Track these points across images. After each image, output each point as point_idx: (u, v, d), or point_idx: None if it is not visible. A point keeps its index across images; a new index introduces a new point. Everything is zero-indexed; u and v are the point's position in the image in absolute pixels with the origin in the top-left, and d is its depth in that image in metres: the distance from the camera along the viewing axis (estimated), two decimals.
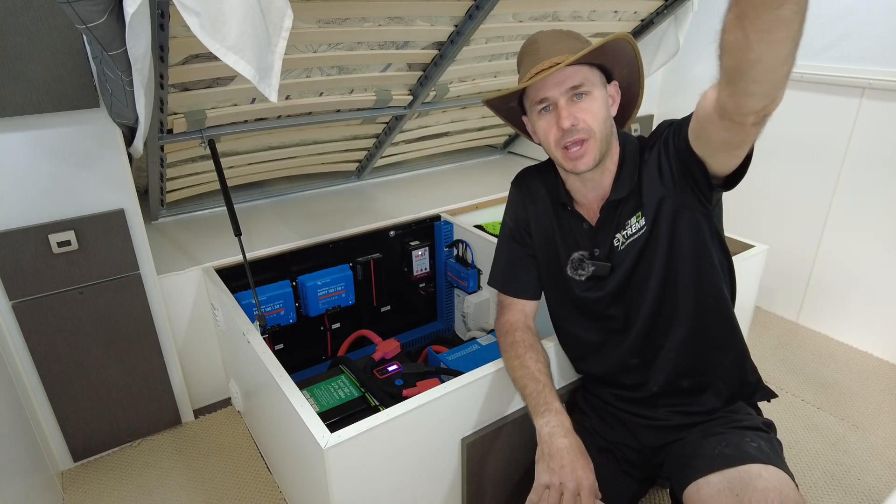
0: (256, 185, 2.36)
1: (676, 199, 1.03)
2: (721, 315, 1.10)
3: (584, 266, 1.14)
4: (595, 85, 1.04)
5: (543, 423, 1.04)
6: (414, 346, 2.29)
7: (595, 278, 1.13)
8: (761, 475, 0.96)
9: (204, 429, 1.82)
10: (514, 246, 1.25)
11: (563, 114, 1.02)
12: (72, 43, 1.28)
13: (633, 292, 1.10)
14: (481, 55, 1.94)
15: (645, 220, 1.06)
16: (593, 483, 0.98)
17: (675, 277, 1.06)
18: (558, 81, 1.02)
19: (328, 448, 1.00)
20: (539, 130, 1.08)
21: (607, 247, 1.11)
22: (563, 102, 1.02)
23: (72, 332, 1.54)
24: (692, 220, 1.03)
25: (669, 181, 1.03)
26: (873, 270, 2.07)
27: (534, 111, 1.07)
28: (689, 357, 1.11)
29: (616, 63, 1.07)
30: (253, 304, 1.68)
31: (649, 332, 1.11)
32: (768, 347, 2.18)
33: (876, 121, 1.96)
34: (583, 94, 1.02)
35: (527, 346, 1.16)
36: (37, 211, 1.41)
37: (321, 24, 1.49)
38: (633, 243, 1.08)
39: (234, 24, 0.81)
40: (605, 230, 1.11)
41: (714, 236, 1.06)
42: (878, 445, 1.69)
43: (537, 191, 1.21)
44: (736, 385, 1.14)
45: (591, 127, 1.02)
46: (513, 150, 3.03)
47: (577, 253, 1.15)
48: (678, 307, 1.08)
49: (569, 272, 1.17)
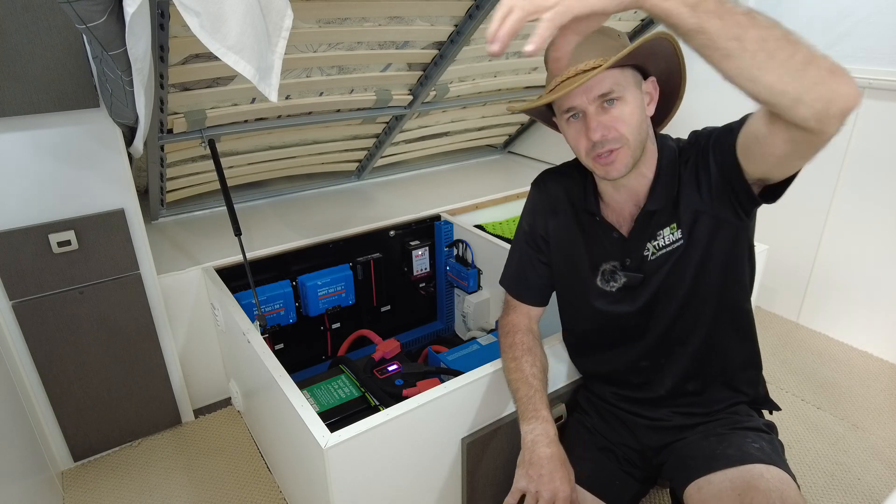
0: (256, 185, 2.36)
1: (715, 214, 0.99)
2: (735, 323, 1.09)
3: (617, 277, 1.10)
4: (627, 88, 0.96)
5: (528, 430, 1.04)
6: (414, 346, 2.29)
7: (626, 289, 1.10)
8: (763, 475, 0.96)
9: (204, 429, 1.82)
10: (528, 250, 1.22)
11: (592, 125, 0.95)
12: (72, 43, 1.28)
13: (664, 303, 1.07)
14: (481, 55, 1.94)
15: (681, 234, 1.02)
16: (569, 494, 0.98)
17: (702, 290, 1.04)
18: (585, 89, 0.94)
19: (328, 448, 1.00)
20: (569, 138, 1.01)
21: (639, 257, 1.07)
22: (593, 111, 0.95)
23: (72, 332, 1.54)
24: (729, 235, 1.00)
25: (708, 195, 0.98)
26: (873, 270, 2.06)
27: (562, 118, 1.01)
28: (699, 363, 1.10)
29: (651, 60, 0.98)
30: (253, 303, 1.68)
31: (666, 339, 1.10)
32: (768, 347, 2.18)
33: (876, 121, 1.95)
34: (614, 100, 0.95)
35: (525, 349, 1.15)
36: (37, 211, 1.41)
37: (321, 24, 1.49)
38: (668, 255, 1.04)
39: (234, 24, 0.81)
40: (638, 240, 1.06)
41: (747, 249, 1.04)
42: (878, 445, 1.69)
43: (558, 197, 1.16)
44: (742, 392, 1.14)
45: (624, 135, 0.95)
46: (513, 149, 3.03)
47: (608, 264, 1.10)
48: (699, 317, 1.06)
49: (599, 283, 1.12)
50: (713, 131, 0.99)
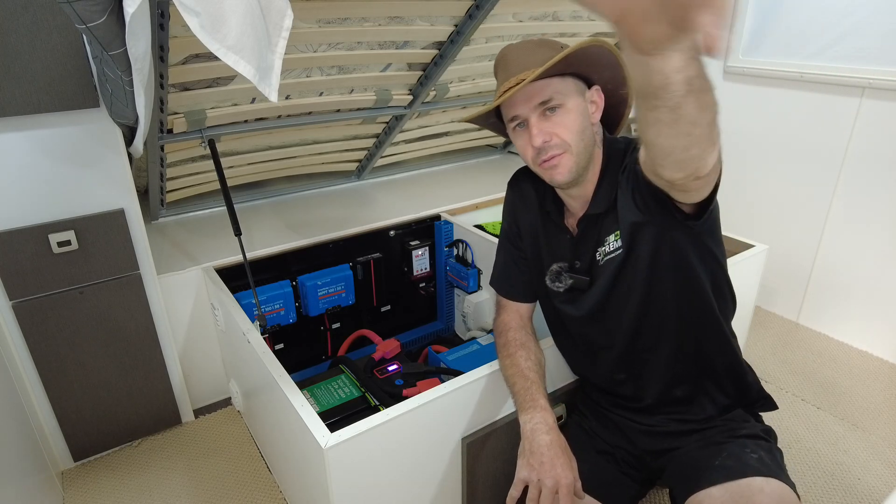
0: (256, 185, 2.36)
1: (654, 223, 0.97)
2: (708, 328, 1.09)
3: (562, 278, 1.13)
4: (568, 95, 0.99)
5: (527, 420, 1.04)
6: (414, 346, 2.29)
7: (573, 290, 1.11)
8: (763, 490, 0.95)
9: (204, 429, 1.82)
10: (510, 248, 1.24)
11: (534, 131, 0.99)
12: (72, 43, 1.28)
13: (612, 312, 1.08)
14: (481, 55, 1.94)
15: (621, 242, 1.03)
16: (572, 481, 0.97)
17: (655, 298, 1.04)
18: (526, 98, 0.98)
19: (328, 448, 0.99)
20: (518, 148, 1.06)
21: (588, 260, 1.09)
22: (535, 119, 0.99)
23: (72, 332, 1.54)
24: (673, 242, 0.99)
25: (644, 207, 0.96)
26: (873, 270, 2.07)
27: (509, 128, 1.05)
28: (680, 368, 1.10)
29: (594, 68, 1.02)
30: (253, 303, 1.68)
31: (632, 349, 1.10)
32: (768, 347, 2.18)
33: (876, 121, 1.96)
34: (555, 107, 0.98)
35: (518, 345, 1.16)
36: (37, 211, 1.41)
37: (321, 24, 1.49)
38: (611, 261, 1.05)
39: (234, 24, 0.81)
40: (586, 243, 1.08)
41: (701, 251, 1.02)
42: (878, 445, 1.69)
43: (528, 194, 1.19)
44: (733, 394, 1.14)
45: (566, 140, 0.98)
46: (513, 149, 3.03)
47: (557, 264, 1.14)
48: (661, 325, 1.07)
49: (547, 283, 1.15)
50: None
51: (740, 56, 2.29)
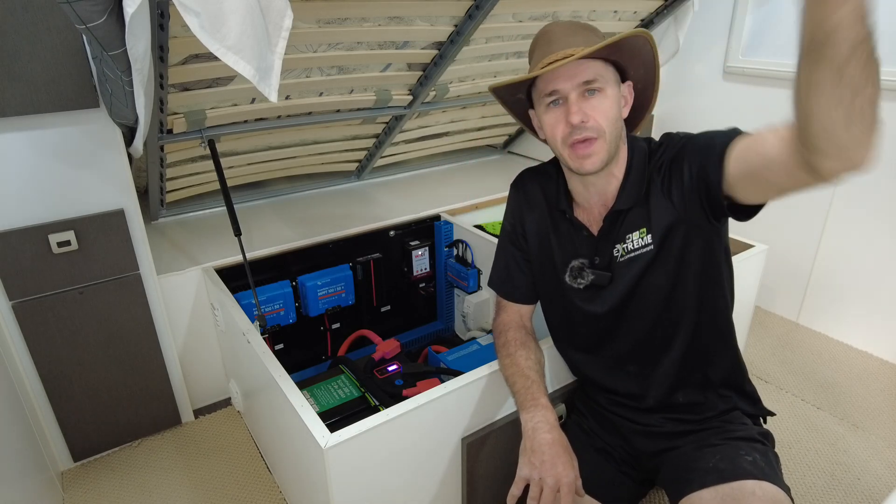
0: (256, 185, 2.36)
1: (688, 222, 0.99)
2: (717, 329, 1.10)
3: (584, 275, 1.11)
4: (608, 82, 0.98)
5: (528, 418, 1.04)
6: (414, 346, 2.29)
7: (594, 287, 1.11)
8: (755, 493, 0.94)
9: (204, 429, 1.82)
10: (511, 249, 1.23)
11: (573, 109, 0.96)
12: (72, 43, 1.28)
13: (635, 308, 1.08)
14: (481, 55, 1.94)
15: (652, 239, 1.02)
16: (573, 480, 0.97)
17: (679, 296, 1.05)
18: (571, 74, 0.96)
19: (328, 448, 1.00)
20: (546, 125, 1.02)
21: (607, 256, 1.08)
22: (574, 97, 0.97)
23: (72, 332, 1.54)
24: (703, 241, 1.01)
25: (679, 200, 0.98)
26: (873, 270, 2.07)
27: (542, 104, 1.02)
28: (685, 372, 1.10)
29: (632, 62, 1.01)
30: (253, 304, 1.68)
31: (649, 346, 1.10)
32: (768, 347, 2.18)
33: None
34: (595, 90, 0.97)
35: (518, 344, 1.15)
36: (37, 211, 1.41)
37: (321, 24, 1.49)
38: (636, 259, 1.04)
39: (234, 24, 0.81)
40: (607, 240, 1.08)
41: (723, 252, 1.05)
42: (878, 445, 1.69)
43: (535, 195, 1.18)
44: (731, 398, 1.14)
45: (602, 126, 0.97)
46: (513, 150, 3.03)
47: (577, 261, 1.12)
48: (680, 323, 1.07)
49: (567, 280, 1.14)
50: (690, 137, 0.99)
51: (740, 56, 2.29)
